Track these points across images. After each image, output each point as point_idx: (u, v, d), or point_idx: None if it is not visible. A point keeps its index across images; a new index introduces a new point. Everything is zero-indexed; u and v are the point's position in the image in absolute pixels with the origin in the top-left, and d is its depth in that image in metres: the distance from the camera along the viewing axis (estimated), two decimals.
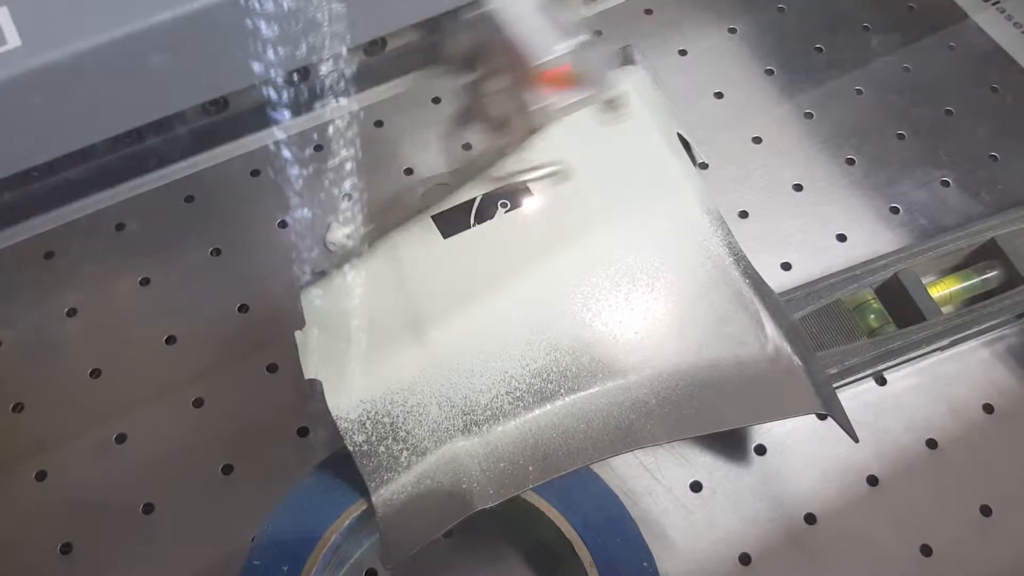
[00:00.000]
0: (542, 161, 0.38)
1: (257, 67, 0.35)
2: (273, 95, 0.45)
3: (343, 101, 0.46)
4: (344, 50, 0.38)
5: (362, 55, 0.47)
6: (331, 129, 0.47)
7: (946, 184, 0.47)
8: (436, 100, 0.49)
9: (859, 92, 0.50)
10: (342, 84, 0.43)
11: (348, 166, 0.44)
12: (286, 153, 0.46)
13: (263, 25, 0.34)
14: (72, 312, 0.43)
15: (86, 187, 0.45)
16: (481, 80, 0.35)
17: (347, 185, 0.44)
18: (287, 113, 0.46)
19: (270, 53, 0.35)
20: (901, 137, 0.48)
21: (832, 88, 0.50)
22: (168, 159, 0.46)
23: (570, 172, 0.38)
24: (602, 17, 0.52)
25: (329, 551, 0.34)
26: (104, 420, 0.40)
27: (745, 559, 0.37)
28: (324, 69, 0.40)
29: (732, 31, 0.52)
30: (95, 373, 0.41)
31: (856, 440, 0.35)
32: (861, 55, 0.51)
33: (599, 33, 0.49)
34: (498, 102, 0.35)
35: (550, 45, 0.32)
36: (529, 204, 0.38)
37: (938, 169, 0.47)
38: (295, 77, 0.45)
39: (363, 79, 0.48)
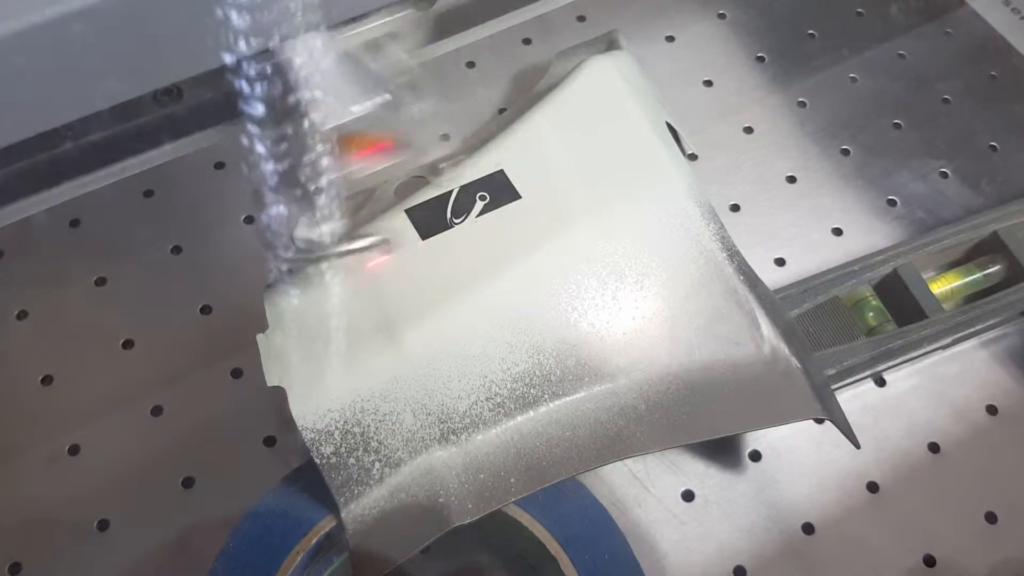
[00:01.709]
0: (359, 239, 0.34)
1: (213, 52, 0.33)
2: (236, 82, 0.43)
3: (312, 90, 0.44)
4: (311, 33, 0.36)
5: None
6: (300, 119, 0.45)
7: (945, 175, 0.45)
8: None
9: (854, 80, 0.48)
10: (310, 71, 0.40)
11: (318, 158, 0.41)
12: (252, 144, 0.44)
13: (218, 6, 0.31)
14: (22, 314, 0.40)
15: (38, 181, 0.43)
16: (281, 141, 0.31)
17: (317, 178, 0.42)
18: (252, 102, 0.44)
19: (228, 36, 0.33)
20: (897, 126, 0.47)
21: (826, 76, 0.48)
22: (126, 152, 0.43)
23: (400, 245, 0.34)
24: (587, 1, 0.50)
25: (296, 571, 0.31)
26: (56, 430, 0.37)
27: (740, 572, 0.36)
28: (290, 54, 0.38)
29: (721, 16, 0.50)
30: (46, 380, 0.39)
31: (858, 446, 0.33)
32: (855, 42, 0.49)
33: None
34: (301, 168, 0.31)
35: (346, 106, 0.28)
36: (510, 198, 0.36)
37: (936, 159, 0.46)
38: (261, 64, 0.42)
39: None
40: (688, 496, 0.37)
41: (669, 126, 0.39)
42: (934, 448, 0.38)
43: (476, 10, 0.49)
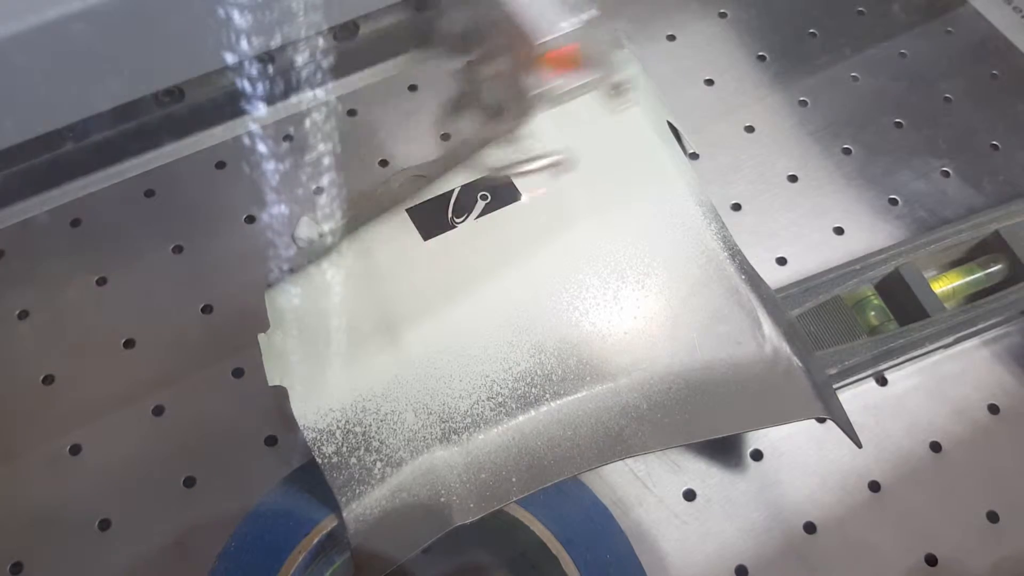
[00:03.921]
0: (541, 151, 0.35)
1: (215, 53, 0.33)
2: (238, 83, 0.43)
3: (314, 89, 0.44)
4: (313, 33, 0.36)
5: (332, 40, 0.45)
6: (302, 119, 0.45)
7: (946, 174, 0.45)
8: (413, 88, 0.46)
9: (855, 79, 0.48)
10: (312, 71, 0.40)
11: (320, 157, 0.41)
12: (253, 144, 0.44)
13: (220, 6, 0.31)
14: (23, 314, 0.40)
15: (39, 182, 0.43)
16: (477, 62, 0.32)
17: (319, 177, 0.42)
18: (254, 102, 0.44)
19: (230, 37, 0.33)
20: (899, 125, 0.47)
21: (827, 75, 0.48)
22: (127, 152, 0.43)
23: (572, 162, 0.35)
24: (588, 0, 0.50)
25: (298, 570, 0.31)
26: (57, 430, 0.37)
27: (742, 571, 0.35)
28: (292, 55, 0.38)
29: (722, 15, 0.50)
30: (48, 379, 0.38)
31: (859, 445, 0.33)
32: (856, 40, 0.49)
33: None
34: (496, 86, 0.32)
35: (555, 22, 0.29)
36: (512, 198, 0.36)
37: (937, 158, 0.46)
38: (263, 65, 0.42)
39: (335, 66, 0.46)
40: (690, 495, 0.37)
41: (670, 125, 0.39)
42: (936, 447, 0.38)
43: None
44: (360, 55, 0.47)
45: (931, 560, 0.36)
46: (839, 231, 0.43)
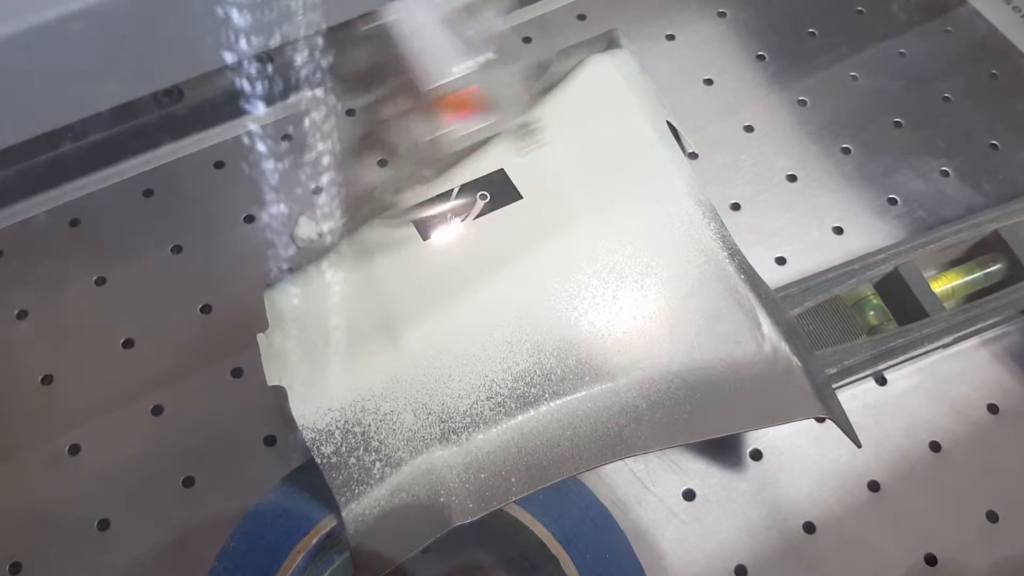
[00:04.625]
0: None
1: (214, 52, 0.33)
2: (237, 82, 0.43)
3: (313, 89, 0.44)
4: (312, 33, 0.36)
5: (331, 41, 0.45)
6: (300, 118, 0.45)
7: (945, 174, 0.45)
8: None
9: (854, 78, 0.48)
10: (311, 70, 0.40)
11: (318, 157, 0.41)
12: (252, 144, 0.44)
13: (218, 6, 0.31)
14: (23, 314, 0.40)
15: (38, 182, 0.43)
16: (378, 103, 0.31)
17: (318, 177, 0.42)
18: (253, 102, 0.44)
19: (228, 36, 0.32)
20: (898, 125, 0.47)
21: (826, 74, 0.48)
22: (126, 152, 0.43)
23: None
24: (588, 0, 0.50)
25: (297, 570, 0.31)
26: (56, 430, 0.37)
27: (741, 571, 0.35)
28: (291, 54, 0.38)
29: (722, 15, 0.50)
30: (47, 379, 0.39)
31: (859, 445, 0.33)
32: (856, 40, 0.49)
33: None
34: (396, 128, 0.31)
35: (449, 65, 0.28)
36: (511, 198, 0.36)
37: (937, 158, 0.46)
38: (262, 64, 0.42)
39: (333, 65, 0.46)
40: (689, 495, 0.37)
41: (669, 125, 0.39)
42: (935, 447, 0.38)
43: None
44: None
45: (931, 560, 0.36)
46: (838, 231, 0.43)
